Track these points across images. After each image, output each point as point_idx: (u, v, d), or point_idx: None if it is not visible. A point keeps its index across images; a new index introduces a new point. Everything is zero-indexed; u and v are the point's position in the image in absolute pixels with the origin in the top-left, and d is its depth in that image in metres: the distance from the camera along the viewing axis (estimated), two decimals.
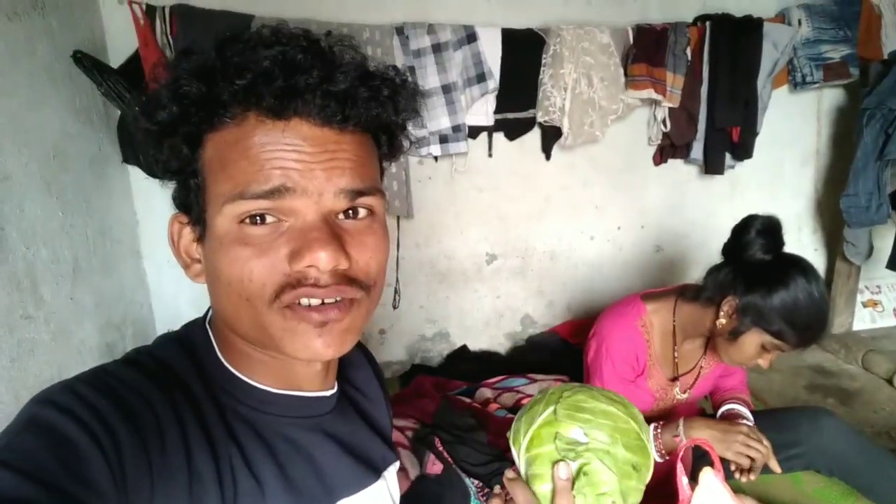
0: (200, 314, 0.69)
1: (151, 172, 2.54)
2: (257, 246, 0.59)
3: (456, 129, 2.66)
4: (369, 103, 0.63)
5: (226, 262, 0.60)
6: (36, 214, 2.02)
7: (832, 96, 3.14)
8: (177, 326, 2.49)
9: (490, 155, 2.89)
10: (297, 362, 0.68)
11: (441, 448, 2.11)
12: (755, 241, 1.47)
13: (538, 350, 3.11)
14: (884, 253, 2.82)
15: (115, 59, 2.51)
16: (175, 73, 0.61)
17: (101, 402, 0.55)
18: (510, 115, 2.77)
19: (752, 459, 1.50)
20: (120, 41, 2.50)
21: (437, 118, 2.62)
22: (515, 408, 2.43)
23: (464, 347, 3.20)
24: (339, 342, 0.63)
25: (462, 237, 2.99)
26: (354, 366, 0.86)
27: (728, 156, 2.85)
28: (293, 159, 0.59)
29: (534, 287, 3.19)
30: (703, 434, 1.54)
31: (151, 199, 2.74)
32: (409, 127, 0.73)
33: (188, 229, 0.66)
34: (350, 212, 0.63)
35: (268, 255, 0.59)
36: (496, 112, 2.75)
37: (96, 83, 2.34)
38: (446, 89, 2.61)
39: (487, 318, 3.20)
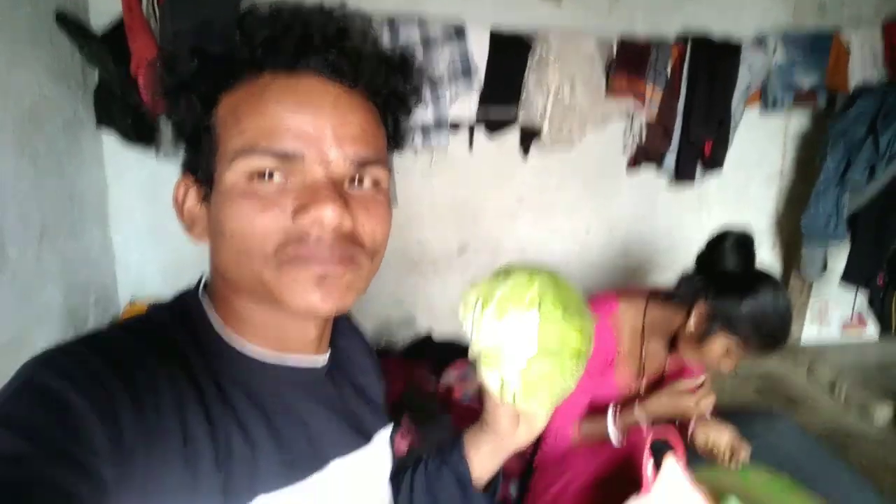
0: (166, 283, 0.69)
1: (127, 136, 2.50)
2: (263, 200, 0.60)
3: (438, 122, 2.68)
4: (380, 65, 0.66)
5: (230, 214, 0.60)
6: (7, 174, 1.98)
7: (799, 122, 3.27)
8: (141, 294, 2.47)
9: (470, 150, 2.93)
10: (292, 326, 0.69)
11: (407, 429, 2.14)
12: (728, 255, 1.54)
13: None
14: (835, 272, 2.98)
15: (98, 22, 2.46)
16: (195, 35, 0.63)
17: (97, 364, 0.55)
18: (492, 114, 2.81)
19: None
20: (103, 4, 2.44)
21: (421, 110, 2.64)
22: (478, 395, 2.48)
23: (428, 336, 3.23)
24: (338, 297, 0.62)
25: (435, 228, 3.03)
26: (346, 336, 0.87)
27: (699, 168, 2.95)
28: (305, 119, 0.60)
29: None
30: (656, 403, 1.61)
31: (122, 166, 2.70)
32: (412, 117, 0.75)
33: (193, 190, 0.67)
34: (357, 181, 0.64)
35: (272, 209, 0.59)
36: (479, 109, 2.79)
37: (79, 47, 2.29)
38: (432, 83, 2.64)
39: (454, 306, 3.22)
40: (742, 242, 1.56)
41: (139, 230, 2.79)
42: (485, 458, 0.89)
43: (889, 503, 1.79)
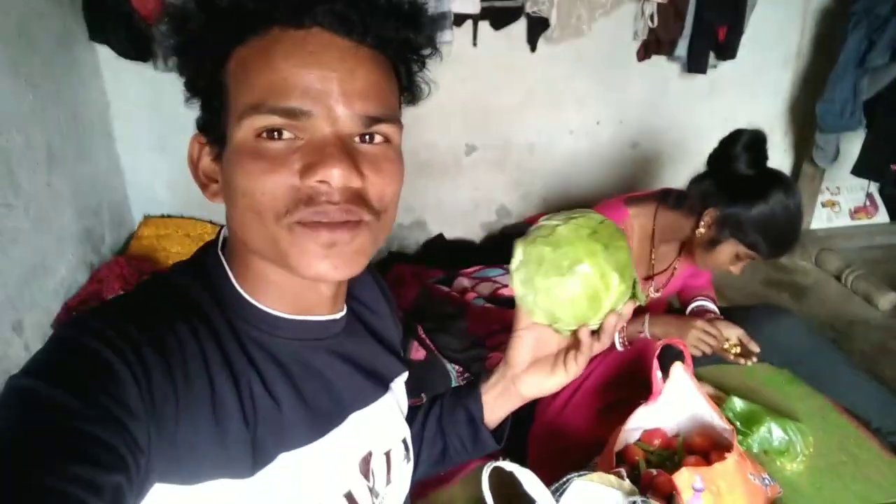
0: (177, 197, 0.68)
1: (124, 52, 2.42)
2: (272, 159, 0.59)
3: (441, 16, 2.56)
4: (389, 16, 0.63)
5: (240, 174, 0.60)
6: (6, 99, 1.95)
7: None
8: (153, 210, 2.50)
9: (475, 44, 2.82)
10: (307, 287, 0.70)
11: (423, 335, 2.22)
12: (741, 155, 1.52)
13: (512, 240, 3.19)
14: (849, 157, 2.92)
15: None
16: None
17: (130, 328, 0.58)
18: (497, 4, 2.68)
19: (711, 347, 1.66)
20: None
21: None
22: (492, 297, 2.55)
23: (440, 236, 3.27)
24: (347, 264, 0.63)
25: (443, 128, 2.97)
26: (361, 283, 0.88)
27: (712, 55, 2.84)
28: (313, 75, 0.59)
29: (511, 179, 3.23)
30: (663, 328, 1.68)
31: (122, 79, 2.62)
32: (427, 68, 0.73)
33: (207, 149, 0.67)
34: (367, 137, 0.63)
35: (281, 169, 0.59)
36: (483, 1, 2.66)
37: None
38: None
39: (464, 208, 3.25)
40: (754, 143, 1.53)
41: (146, 145, 2.76)
42: (496, 400, 0.92)
43: (890, 390, 1.87)
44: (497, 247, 3.18)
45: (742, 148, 1.52)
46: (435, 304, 2.45)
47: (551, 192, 3.27)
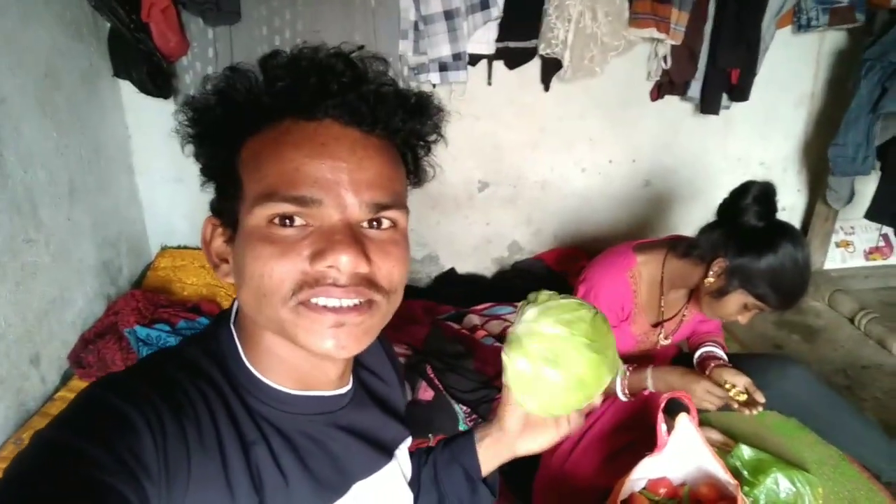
0: (194, 229, 0.70)
1: (145, 89, 2.48)
2: (281, 245, 0.61)
3: (456, 56, 2.61)
4: (398, 108, 0.67)
5: (250, 258, 0.62)
6: (32, 136, 2.00)
7: (834, 39, 3.11)
8: (170, 241, 2.56)
9: (489, 83, 2.86)
10: (314, 365, 0.72)
11: (432, 375, 2.22)
12: (750, 208, 1.53)
13: (523, 276, 3.21)
14: (864, 197, 2.91)
15: None
16: (217, 83, 0.65)
17: (149, 391, 0.60)
18: (512, 45, 2.72)
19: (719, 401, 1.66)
20: None
21: (438, 45, 2.57)
22: (502, 336, 2.55)
23: (452, 270, 3.29)
24: (354, 344, 0.65)
25: (456, 164, 3.00)
26: (369, 350, 0.91)
27: (725, 96, 2.86)
28: (322, 166, 0.62)
29: (523, 215, 3.25)
30: (668, 382, 1.68)
31: (142, 113, 2.70)
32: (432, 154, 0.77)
33: (220, 231, 0.70)
34: (374, 222, 0.66)
35: (290, 254, 0.61)
36: (498, 40, 2.70)
37: None
38: (449, 15, 2.54)
39: (476, 243, 3.28)
40: (764, 196, 1.55)
41: (164, 177, 2.82)
42: (488, 454, 0.95)
43: None
44: (508, 282, 3.19)
45: (752, 200, 1.54)
46: (445, 343, 2.46)
47: (563, 230, 3.29)
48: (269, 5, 2.39)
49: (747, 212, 1.54)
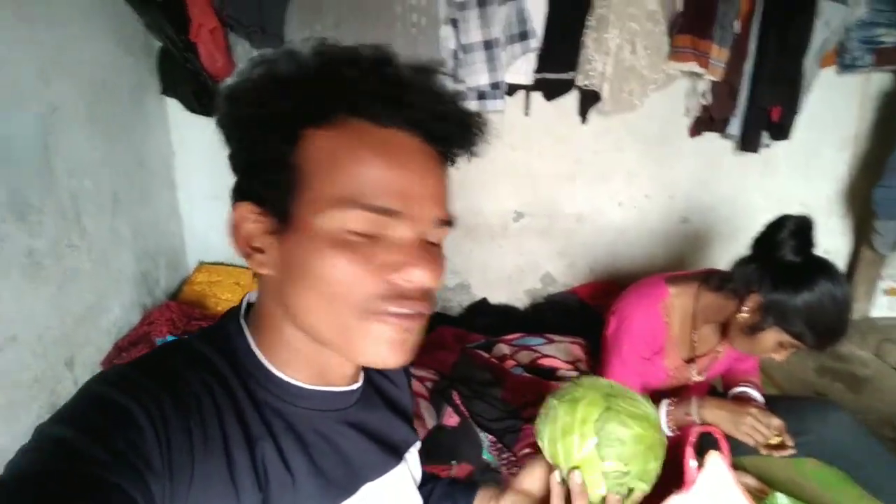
0: (231, 245, 0.68)
1: (190, 107, 2.57)
2: (359, 253, 0.61)
3: (494, 86, 2.64)
4: (466, 131, 0.68)
5: (320, 263, 0.61)
6: (80, 146, 2.07)
7: (880, 80, 3.06)
8: (208, 257, 2.59)
9: (526, 114, 2.89)
10: (335, 361, 0.71)
11: (459, 402, 2.19)
12: (787, 242, 1.48)
13: (556, 308, 3.17)
14: None
15: None
16: (277, 64, 0.64)
17: (153, 386, 0.59)
18: (550, 76, 2.74)
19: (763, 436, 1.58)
20: None
21: (476, 74, 2.60)
22: (531, 366, 2.51)
23: (484, 300, 3.27)
24: (406, 354, 0.66)
25: (491, 194, 3.02)
26: None
27: (765, 134, 2.82)
28: (404, 179, 0.63)
29: (557, 247, 3.23)
30: (715, 414, 1.61)
31: (186, 131, 2.78)
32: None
33: (255, 218, 0.65)
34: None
35: (366, 264, 0.61)
36: (536, 71, 2.73)
37: (140, 14, 2.35)
38: (488, 45, 2.58)
39: (509, 273, 3.26)
40: (801, 230, 1.50)
41: (204, 194, 2.89)
42: None
43: None
44: (541, 315, 3.15)
45: (788, 234, 1.49)
46: (473, 370, 2.43)
47: (598, 263, 3.25)
48: (311, 29, 2.46)
49: (783, 246, 1.49)
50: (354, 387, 0.77)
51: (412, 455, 0.89)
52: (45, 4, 1.86)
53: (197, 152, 2.83)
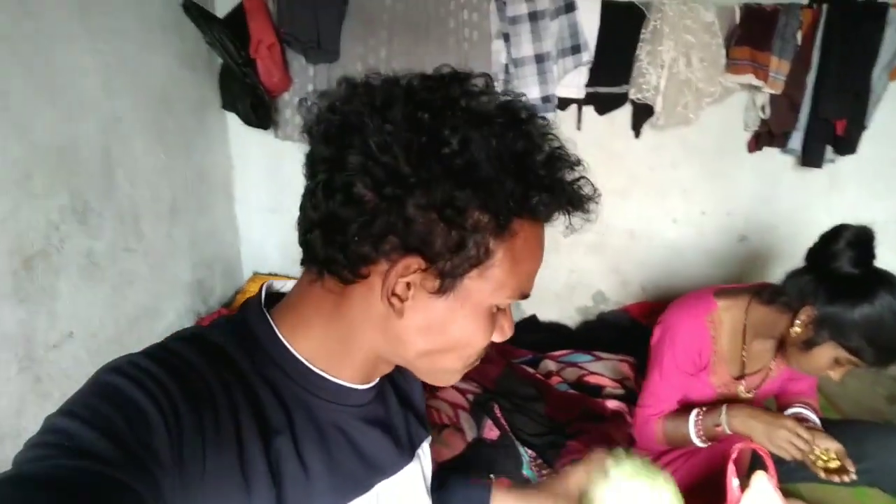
0: (286, 258, 0.68)
1: (248, 121, 2.66)
2: (494, 325, 0.70)
3: (546, 99, 2.63)
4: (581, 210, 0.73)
5: (464, 327, 0.67)
6: (141, 155, 2.17)
7: None
8: (262, 268, 2.65)
9: (578, 128, 2.85)
10: (371, 362, 0.73)
11: (499, 415, 2.16)
12: (844, 253, 1.40)
13: (608, 327, 3.10)
14: None
15: (222, 9, 2.60)
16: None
17: (165, 377, 0.58)
18: (602, 90, 2.72)
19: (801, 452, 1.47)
20: None
21: (528, 87, 2.60)
22: (577, 383, 2.46)
23: (533, 317, 3.23)
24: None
25: None
26: None
27: (829, 149, 2.69)
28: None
29: (610, 264, 3.16)
30: (746, 423, 1.53)
31: (246, 145, 2.87)
32: None
33: (422, 275, 0.63)
34: None
35: (493, 331, 0.70)
36: (588, 85, 2.71)
37: (202, 32, 2.45)
38: (539, 59, 2.59)
39: (559, 290, 3.21)
40: (859, 240, 1.41)
41: (261, 207, 2.98)
42: None
43: None
44: (592, 333, 3.09)
45: (845, 244, 1.40)
46: (516, 384, 2.40)
47: (651, 281, 3.17)
48: (365, 44, 2.52)
49: (840, 257, 1.41)
50: (373, 383, 0.77)
51: (424, 452, 0.89)
52: (111, 19, 1.97)
53: (255, 166, 2.92)
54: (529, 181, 0.63)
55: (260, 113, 2.60)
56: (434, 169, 0.59)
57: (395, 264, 0.62)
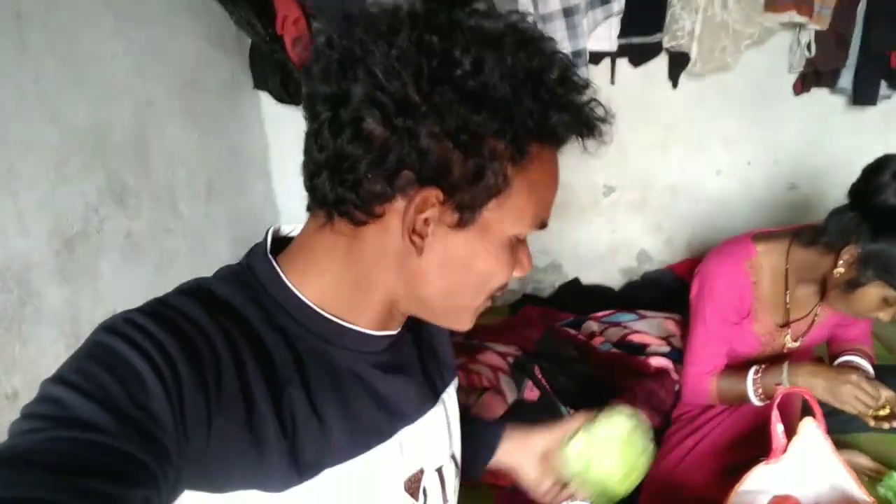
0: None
1: (280, 98, 2.68)
2: (514, 256, 0.69)
3: (576, 54, 2.55)
4: (594, 131, 0.70)
5: (486, 260, 0.66)
6: (175, 136, 2.20)
7: None
8: None
9: (612, 82, 2.76)
10: (386, 309, 0.72)
11: (540, 376, 2.14)
12: (889, 185, 1.31)
13: (652, 286, 3.02)
14: None
15: None
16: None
17: (162, 334, 0.56)
18: (635, 40, 2.61)
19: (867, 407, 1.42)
20: None
21: (557, 43, 2.52)
22: (620, 343, 2.41)
23: (576, 280, 3.18)
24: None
25: (579, 168, 2.91)
26: None
27: (883, 84, 2.53)
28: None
29: (652, 222, 3.08)
30: (809, 381, 1.47)
31: (281, 123, 2.89)
32: None
33: (441, 209, 0.62)
34: None
35: (514, 263, 0.70)
36: (620, 36, 2.60)
37: (229, 12, 2.46)
38: (568, 12, 2.50)
39: (602, 252, 3.15)
40: None
41: (299, 183, 2.99)
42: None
43: None
44: (636, 293, 3.02)
45: (890, 176, 1.32)
46: (557, 345, 2.37)
47: (697, 238, 3.06)
48: None
49: (885, 190, 1.32)
50: (395, 331, 0.76)
51: (450, 395, 0.87)
52: (137, 4, 2.00)
53: (292, 143, 2.90)
54: (547, 101, 0.61)
55: (291, 89, 2.62)
56: (447, 94, 0.57)
57: (412, 200, 0.60)
